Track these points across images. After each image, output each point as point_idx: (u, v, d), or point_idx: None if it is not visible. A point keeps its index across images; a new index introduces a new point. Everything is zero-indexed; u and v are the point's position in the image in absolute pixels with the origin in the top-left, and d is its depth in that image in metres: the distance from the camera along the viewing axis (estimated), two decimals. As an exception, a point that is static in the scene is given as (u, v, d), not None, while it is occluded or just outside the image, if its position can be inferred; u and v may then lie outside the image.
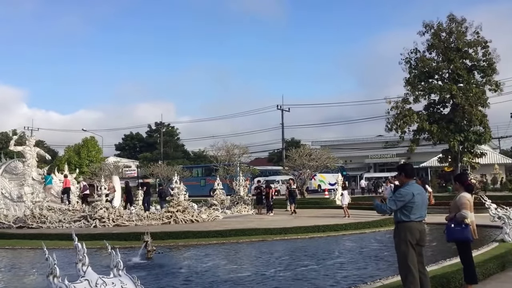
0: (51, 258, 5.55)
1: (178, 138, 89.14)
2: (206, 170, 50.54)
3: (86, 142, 62.46)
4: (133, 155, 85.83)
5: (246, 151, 45.86)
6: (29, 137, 33.46)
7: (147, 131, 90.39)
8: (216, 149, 43.99)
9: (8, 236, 17.14)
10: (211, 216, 21.84)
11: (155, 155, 72.19)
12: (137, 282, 5.59)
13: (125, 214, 20.38)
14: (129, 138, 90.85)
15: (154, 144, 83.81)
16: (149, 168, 49.02)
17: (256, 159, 71.81)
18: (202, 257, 12.76)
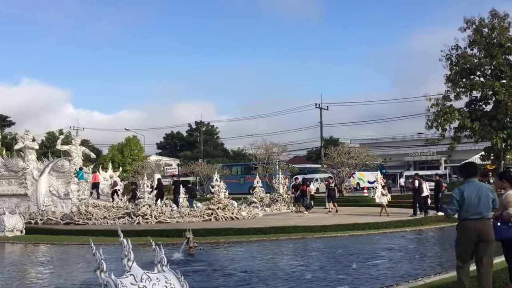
0: (98, 253, 5.73)
1: (217, 137, 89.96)
2: (246, 168, 50.80)
3: (129, 141, 63.91)
4: (174, 153, 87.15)
5: (285, 150, 45.86)
6: (74, 136, 34.58)
7: (188, 130, 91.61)
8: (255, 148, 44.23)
9: (56, 232, 17.80)
10: (251, 214, 22.00)
11: (195, 153, 73.05)
12: (181, 278, 5.67)
13: (167, 211, 20.78)
14: (170, 137, 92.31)
15: (194, 142, 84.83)
16: (190, 166, 49.67)
17: (294, 157, 71.65)
18: (243, 253, 12.92)
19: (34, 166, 27.20)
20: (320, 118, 62.62)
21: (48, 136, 72.64)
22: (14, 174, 27.59)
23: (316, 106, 63.06)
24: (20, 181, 27.29)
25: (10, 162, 28.14)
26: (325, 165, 45.24)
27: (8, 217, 17.75)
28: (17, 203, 26.03)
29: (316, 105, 63.10)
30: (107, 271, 5.48)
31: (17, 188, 27.40)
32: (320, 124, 62.86)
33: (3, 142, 40.57)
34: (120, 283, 5.37)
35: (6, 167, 28.03)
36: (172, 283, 5.67)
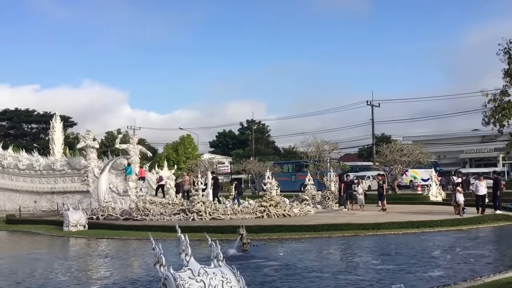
0: (157, 248, 5.99)
1: (269, 135, 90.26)
2: (297, 166, 50.79)
3: (183, 140, 65.34)
4: (226, 151, 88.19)
5: (336, 147, 45.56)
6: (132, 136, 35.77)
7: (239, 129, 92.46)
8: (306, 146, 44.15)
9: (116, 227, 18.57)
10: (302, 211, 22.09)
11: (247, 151, 73.63)
12: (237, 273, 5.78)
13: (221, 208, 21.21)
14: (222, 136, 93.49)
15: (246, 141, 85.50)
16: (242, 164, 50.18)
17: (345, 155, 70.92)
18: (296, 250, 13.07)
19: (95, 164, 28.44)
20: (372, 115, 61.72)
21: (107, 135, 75.25)
22: (77, 172, 28.97)
23: (368, 103, 62.17)
24: (82, 178, 28.64)
25: (73, 161, 29.57)
26: (377, 162, 44.54)
27: (72, 213, 18.67)
28: (80, 200, 27.33)
29: (368, 102, 62.20)
30: (166, 265, 5.72)
31: (79, 185, 28.78)
32: (371, 121, 61.93)
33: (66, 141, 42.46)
34: (178, 276, 5.55)
35: (70, 165, 29.47)
36: (228, 278, 5.79)
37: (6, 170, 31.78)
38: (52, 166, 30.12)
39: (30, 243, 16.81)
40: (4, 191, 31.72)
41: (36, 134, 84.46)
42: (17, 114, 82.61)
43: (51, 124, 37.30)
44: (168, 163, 40.25)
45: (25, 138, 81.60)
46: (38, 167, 30.54)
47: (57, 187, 29.68)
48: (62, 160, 30.72)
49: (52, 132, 36.89)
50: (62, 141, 37.12)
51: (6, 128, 78.49)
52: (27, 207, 28.93)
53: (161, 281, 5.66)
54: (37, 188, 30.42)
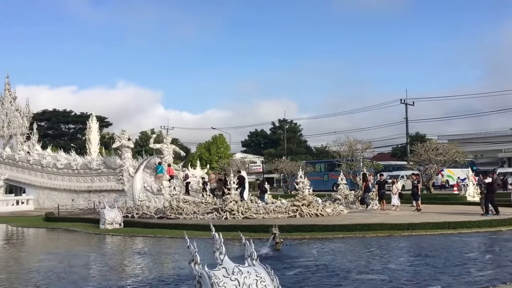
0: (192, 246, 6.06)
1: (301, 134, 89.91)
2: (329, 165, 50.44)
3: (216, 139, 65.81)
4: (258, 151, 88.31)
5: (369, 146, 44.95)
6: (165, 135, 36.28)
7: (271, 128, 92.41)
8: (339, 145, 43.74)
9: (150, 226, 18.87)
10: (335, 211, 21.94)
11: (279, 151, 73.57)
12: (271, 272, 5.76)
13: (253, 207, 21.28)
14: (254, 135, 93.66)
15: (277, 140, 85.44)
16: (274, 163, 50.18)
17: (379, 154, 69.94)
18: (329, 250, 13.02)
19: (130, 163, 28.97)
20: (406, 113, 60.71)
21: (141, 135, 76.44)
22: (113, 171, 29.57)
23: (401, 101, 61.19)
24: (117, 177, 29.21)
25: (108, 160, 30.21)
26: (411, 162, 43.79)
27: (108, 211, 19.06)
28: (115, 198, 27.91)
29: (401, 100, 61.22)
30: (201, 263, 5.78)
31: (115, 184, 29.37)
32: (405, 120, 60.94)
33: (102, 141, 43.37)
34: (213, 275, 5.57)
35: (105, 164, 30.11)
36: (263, 277, 5.77)
37: (45, 169, 32.73)
38: (88, 165, 30.84)
39: (68, 240, 17.25)
40: (43, 189, 32.68)
41: (73, 134, 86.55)
42: (55, 115, 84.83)
43: (88, 124, 38.21)
44: (201, 163, 40.62)
45: (63, 138, 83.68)
46: (76, 166, 31.32)
47: (93, 185, 30.38)
48: (98, 160, 31.42)
49: (88, 132, 37.81)
50: (98, 141, 38.01)
51: (45, 128, 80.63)
52: (65, 205, 29.73)
53: (196, 279, 5.71)
54: (75, 187, 31.23)
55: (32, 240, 17.99)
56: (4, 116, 36.76)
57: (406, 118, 60.76)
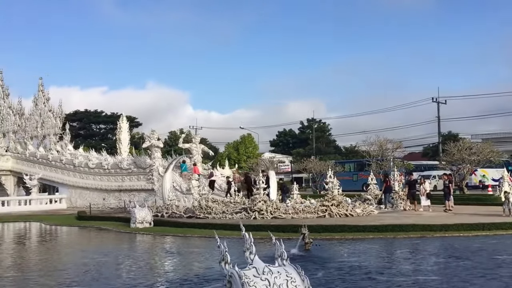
0: (222, 246, 6.04)
1: (329, 134, 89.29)
2: (359, 165, 49.96)
3: (244, 139, 65.98)
4: (286, 150, 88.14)
5: (399, 146, 44.39)
6: (194, 135, 36.51)
7: (300, 128, 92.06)
8: (368, 144, 43.31)
9: (180, 225, 18.97)
10: (365, 211, 21.66)
11: (308, 150, 73.24)
12: (301, 272, 5.74)
13: (282, 207, 21.19)
14: (282, 135, 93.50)
15: (306, 140, 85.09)
16: (302, 163, 49.99)
17: (409, 154, 68.84)
18: (359, 250, 12.84)
19: (159, 163, 29.25)
20: (438, 112, 59.60)
21: (170, 135, 77.22)
22: (142, 170, 29.91)
23: (433, 100, 60.09)
24: (147, 177, 29.53)
25: (138, 160, 30.57)
26: (444, 161, 42.97)
27: (138, 210, 19.25)
28: (145, 197, 28.23)
29: (433, 99, 60.12)
30: (231, 263, 5.77)
31: (145, 184, 29.70)
32: (437, 119, 59.83)
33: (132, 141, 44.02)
34: (243, 275, 5.56)
35: (136, 164, 30.48)
36: (293, 277, 5.74)
37: (77, 168, 33.36)
38: (119, 165, 31.29)
39: (100, 238, 17.51)
40: (75, 188, 33.32)
41: (104, 134, 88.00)
42: (87, 115, 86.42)
43: (118, 124, 38.82)
44: (229, 162, 40.77)
45: (94, 138, 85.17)
46: (107, 166, 31.82)
47: (124, 185, 30.79)
48: (128, 159, 31.84)
49: (119, 132, 38.43)
50: (128, 141, 38.60)
51: (77, 128, 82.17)
52: (97, 204, 30.23)
53: (226, 279, 5.71)
54: (106, 186, 31.72)
55: (65, 238, 18.31)
56: (38, 116, 37.62)
57: (438, 116, 59.68)
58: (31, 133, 37.94)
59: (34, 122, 37.76)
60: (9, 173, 37.17)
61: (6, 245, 16.71)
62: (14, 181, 37.28)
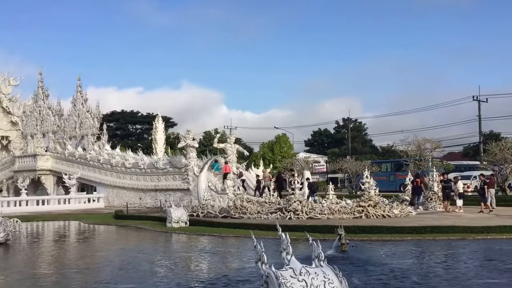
0: (259, 246, 5.99)
1: (365, 133, 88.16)
2: (396, 165, 49.10)
3: (279, 138, 65.79)
4: (321, 150, 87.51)
5: (438, 146, 43.45)
6: (229, 135, 36.61)
7: (335, 127, 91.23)
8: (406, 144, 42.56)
9: (215, 225, 19.00)
10: (403, 212, 21.22)
11: (343, 150, 72.52)
12: (339, 274, 5.65)
13: (317, 207, 20.97)
14: (317, 134, 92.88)
15: (342, 139, 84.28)
16: (338, 163, 49.52)
17: (449, 154, 67.27)
18: (398, 252, 12.55)
19: (194, 163, 29.43)
20: (479, 111, 57.92)
21: (205, 135, 77.76)
22: (178, 170, 30.16)
23: (474, 98, 58.47)
24: (183, 176, 29.76)
25: (174, 160, 30.85)
26: (485, 161, 41.76)
27: (174, 210, 19.38)
28: (180, 197, 28.46)
29: (474, 97, 58.51)
30: (268, 263, 5.72)
31: (180, 183, 29.94)
32: (478, 118, 58.21)
33: (168, 141, 44.48)
34: (280, 275, 5.52)
35: (171, 164, 30.77)
36: (330, 278, 5.66)
37: (114, 168, 33.93)
38: (155, 164, 31.65)
39: (137, 237, 17.72)
40: (113, 188, 33.90)
41: (140, 134, 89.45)
42: (123, 116, 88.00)
43: (154, 124, 39.32)
44: (264, 162, 40.71)
45: (130, 138, 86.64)
46: (143, 165, 32.24)
47: (160, 185, 31.13)
48: (164, 159, 32.17)
49: (154, 132, 38.91)
50: (163, 141, 39.01)
51: (114, 129, 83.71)
52: (133, 204, 30.68)
53: (263, 279, 5.66)
54: (142, 186, 32.14)
55: (103, 237, 18.61)
56: (76, 117, 38.49)
57: (479, 115, 58.03)
58: (69, 133, 38.83)
59: (72, 123, 38.63)
60: (49, 173, 38.10)
61: (46, 243, 17.13)
62: (54, 181, 38.18)
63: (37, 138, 38.93)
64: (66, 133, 38.87)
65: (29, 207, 30.88)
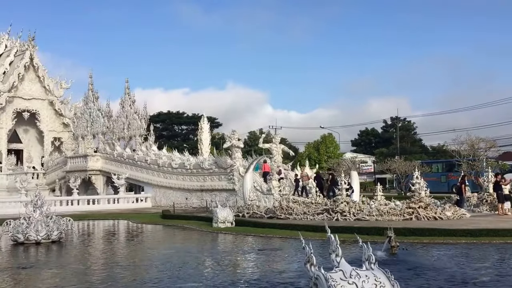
0: (307, 247, 5.84)
1: (415, 133, 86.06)
2: (447, 165, 47.60)
3: (324, 138, 65.14)
4: (369, 150, 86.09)
5: (493, 145, 41.78)
6: (274, 135, 36.44)
7: (383, 127, 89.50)
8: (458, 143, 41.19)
9: (261, 225, 18.85)
10: (456, 214, 20.42)
11: (391, 150, 70.96)
12: (391, 277, 5.50)
13: (365, 208, 20.48)
14: (364, 134, 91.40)
15: (390, 139, 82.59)
16: (386, 163, 48.48)
17: (505, 153, 64.62)
18: (452, 256, 12.01)
19: (240, 163, 29.45)
20: (536, 108, 55.44)
21: (250, 135, 77.99)
22: (223, 170, 30.26)
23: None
24: (228, 177, 29.83)
25: (219, 160, 30.97)
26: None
27: (220, 210, 19.37)
28: (226, 197, 28.53)
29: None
30: (317, 265, 5.60)
31: (226, 184, 30.02)
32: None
33: (213, 141, 44.81)
34: (330, 277, 5.42)
35: (217, 164, 30.91)
36: (382, 282, 5.52)
37: (161, 168, 34.42)
38: (201, 165, 31.88)
39: (183, 237, 17.81)
40: (160, 188, 34.39)
41: (185, 134, 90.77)
42: (169, 117, 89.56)
43: (199, 125, 39.69)
44: (310, 162, 40.31)
45: (177, 139, 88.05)
46: (189, 166, 32.54)
47: (205, 185, 31.33)
48: (210, 160, 32.36)
49: (200, 133, 39.26)
50: (209, 141, 39.30)
51: (160, 129, 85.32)
52: (180, 203, 31.00)
53: (312, 281, 5.55)
54: (188, 186, 32.45)
55: (150, 236, 18.82)
56: (125, 118, 39.31)
57: (537, 113, 55.51)
58: (118, 134, 39.71)
59: (121, 124, 39.48)
60: (98, 173, 39.11)
61: (97, 241, 17.50)
62: (103, 181, 39.15)
63: (88, 139, 40.05)
64: (115, 134, 39.77)
65: (80, 206, 31.73)
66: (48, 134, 48.23)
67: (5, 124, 46.08)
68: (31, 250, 14.06)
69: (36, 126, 48.28)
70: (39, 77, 47.79)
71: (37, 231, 14.94)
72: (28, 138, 49.63)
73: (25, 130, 49.24)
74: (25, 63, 46.70)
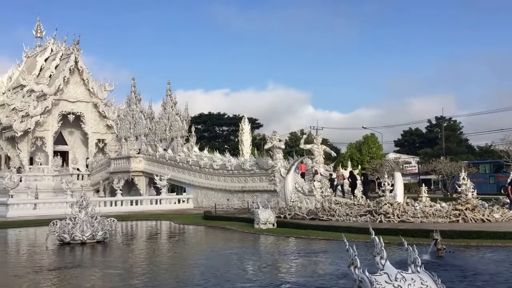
0: (351, 249, 5.76)
1: (461, 132, 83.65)
2: (495, 166, 46.03)
3: (367, 139, 64.25)
4: (412, 151, 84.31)
5: (543, 144, 40.19)
6: (315, 136, 36.19)
7: (427, 126, 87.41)
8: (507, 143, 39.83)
9: (303, 226, 18.70)
10: (505, 216, 19.69)
11: (436, 150, 69.19)
12: (438, 281, 5.40)
13: (410, 210, 20.03)
14: (408, 134, 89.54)
15: (434, 139, 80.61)
16: (431, 164, 47.35)
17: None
18: (502, 260, 11.55)
19: (281, 164, 29.35)
20: None
21: (290, 136, 77.76)
22: (265, 171, 30.24)
23: None
24: (269, 178, 29.79)
25: (261, 161, 30.98)
26: None
27: (262, 211, 19.33)
28: (267, 198, 28.45)
29: None
30: (361, 267, 5.54)
31: (267, 185, 29.99)
32: None
33: (254, 142, 44.92)
34: (374, 280, 5.37)
35: (258, 165, 30.92)
36: (429, 285, 5.45)
37: (202, 169, 34.72)
38: (242, 166, 31.96)
39: (225, 238, 17.87)
40: (201, 189, 34.69)
41: (226, 136, 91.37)
42: (210, 118, 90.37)
43: (240, 126, 39.86)
44: (352, 163, 39.81)
45: (218, 140, 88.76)
46: (230, 167, 32.67)
47: (247, 186, 31.39)
48: (251, 161, 32.41)
49: (241, 134, 39.45)
50: (250, 142, 39.40)
51: (201, 131, 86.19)
52: (221, 205, 31.13)
53: (356, 283, 5.49)
54: (229, 187, 32.58)
55: (192, 237, 19.01)
56: (166, 120, 39.86)
57: None
58: (160, 136, 40.28)
59: (163, 125, 40.05)
60: (141, 174, 39.77)
61: (140, 241, 17.81)
62: (146, 182, 39.78)
63: (131, 141, 40.83)
64: (157, 136, 40.37)
65: (123, 207, 32.32)
66: (92, 136, 49.43)
67: (51, 127, 47.49)
68: (77, 250, 14.40)
69: (81, 128, 49.57)
70: (84, 80, 49.06)
71: (83, 231, 15.28)
72: (73, 140, 51.02)
73: (70, 132, 50.63)
74: (70, 66, 48.04)
